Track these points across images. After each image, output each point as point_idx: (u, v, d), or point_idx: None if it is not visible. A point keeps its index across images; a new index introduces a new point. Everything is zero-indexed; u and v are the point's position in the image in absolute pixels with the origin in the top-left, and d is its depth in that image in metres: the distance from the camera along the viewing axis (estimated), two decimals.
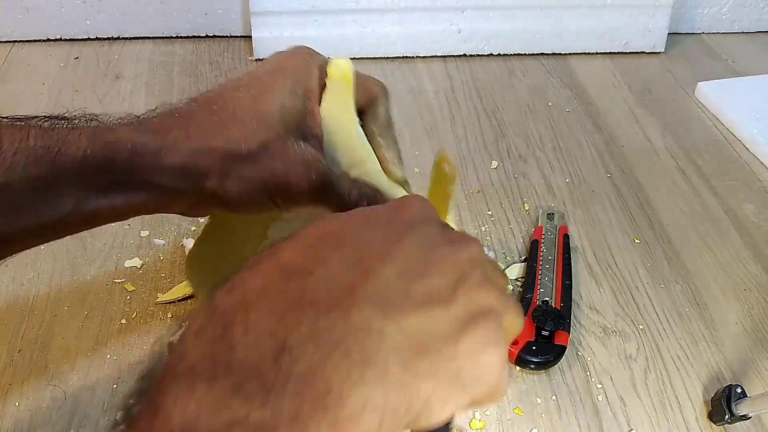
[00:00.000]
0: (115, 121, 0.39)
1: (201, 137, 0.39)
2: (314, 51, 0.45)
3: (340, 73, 0.43)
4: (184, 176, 0.39)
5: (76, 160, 0.37)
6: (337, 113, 0.44)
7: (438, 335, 0.28)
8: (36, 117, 0.38)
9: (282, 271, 0.28)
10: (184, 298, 0.56)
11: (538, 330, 0.53)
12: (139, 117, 0.40)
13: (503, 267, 0.61)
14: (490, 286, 0.31)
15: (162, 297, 0.56)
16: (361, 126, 0.45)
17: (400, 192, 0.47)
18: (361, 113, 0.46)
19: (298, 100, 0.42)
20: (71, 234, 0.40)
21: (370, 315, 0.27)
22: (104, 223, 0.41)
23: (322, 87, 0.44)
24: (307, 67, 0.43)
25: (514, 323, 0.32)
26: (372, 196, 0.44)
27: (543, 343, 0.52)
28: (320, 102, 0.43)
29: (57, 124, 0.38)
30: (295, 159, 0.41)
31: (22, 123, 0.37)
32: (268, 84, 0.41)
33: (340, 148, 0.44)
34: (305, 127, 0.42)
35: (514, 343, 0.52)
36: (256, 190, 0.41)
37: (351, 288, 0.27)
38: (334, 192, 0.42)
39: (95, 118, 0.39)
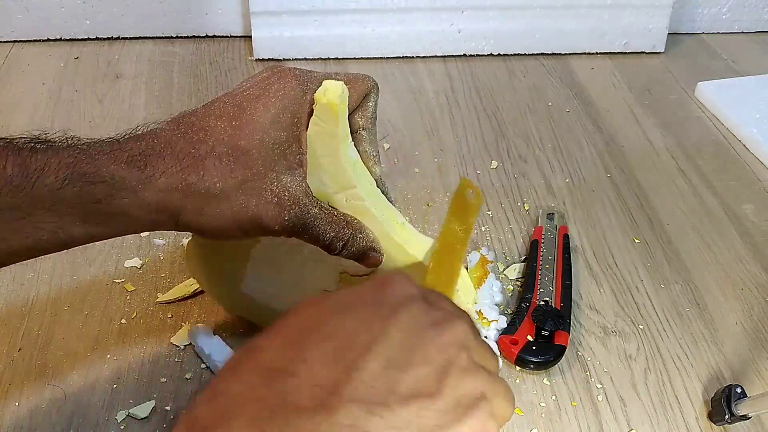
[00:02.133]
0: (96, 148, 0.39)
1: (178, 172, 0.39)
2: (306, 73, 0.44)
3: (329, 97, 0.42)
4: (159, 211, 0.40)
5: (54, 190, 0.37)
6: (326, 137, 0.43)
7: (427, 429, 0.28)
8: (16, 138, 0.37)
9: (263, 375, 0.28)
10: (184, 298, 0.56)
11: (538, 330, 0.53)
12: (120, 141, 0.39)
13: (503, 267, 0.61)
14: (478, 370, 0.30)
15: (162, 297, 0.56)
16: (349, 120, 0.45)
17: (389, 219, 0.47)
18: (353, 111, 0.46)
19: (282, 131, 0.41)
20: (47, 254, 0.40)
21: (355, 414, 0.27)
22: (81, 245, 0.41)
23: (311, 112, 0.43)
24: (295, 92, 0.42)
25: (505, 409, 0.31)
26: (350, 239, 0.44)
27: (543, 343, 0.52)
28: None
29: (37, 146, 0.37)
30: (270, 200, 0.41)
31: (0, 145, 0.37)
32: (250, 114, 0.41)
33: (328, 172, 0.44)
34: (290, 157, 0.42)
35: (514, 342, 0.52)
36: (230, 226, 0.41)
37: (335, 387, 0.27)
38: (309, 232, 0.43)
39: (76, 142, 0.38)
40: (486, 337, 0.53)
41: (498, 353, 0.52)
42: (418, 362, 0.29)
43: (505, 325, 0.54)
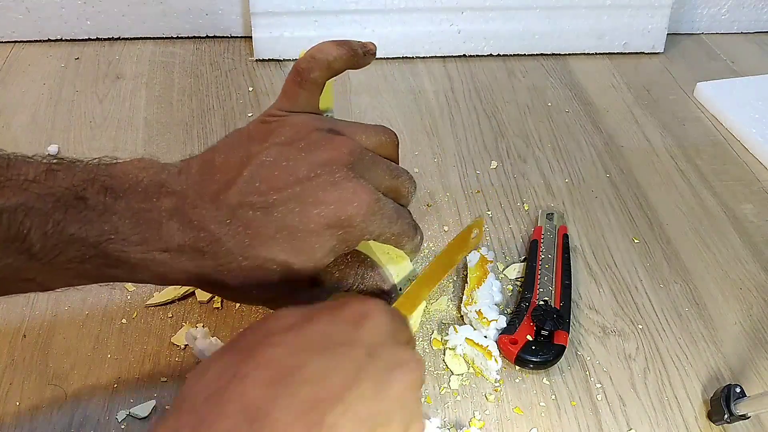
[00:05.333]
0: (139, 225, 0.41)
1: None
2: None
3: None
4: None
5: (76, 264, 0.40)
6: None
7: None
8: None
9: (246, 415, 0.29)
10: (172, 301, 0.55)
11: (538, 330, 0.53)
12: (162, 223, 0.42)
13: (503, 267, 0.61)
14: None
15: (151, 300, 0.55)
16: None
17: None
18: None
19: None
20: None
21: None
22: None
23: None
24: None
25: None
26: (360, 278, 0.49)
27: (542, 342, 0.52)
28: None
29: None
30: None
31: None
32: None
33: None
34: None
35: (514, 342, 0.52)
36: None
37: None
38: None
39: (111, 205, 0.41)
40: (486, 336, 0.53)
41: (498, 353, 0.52)
42: (384, 418, 0.31)
43: (505, 325, 0.54)
